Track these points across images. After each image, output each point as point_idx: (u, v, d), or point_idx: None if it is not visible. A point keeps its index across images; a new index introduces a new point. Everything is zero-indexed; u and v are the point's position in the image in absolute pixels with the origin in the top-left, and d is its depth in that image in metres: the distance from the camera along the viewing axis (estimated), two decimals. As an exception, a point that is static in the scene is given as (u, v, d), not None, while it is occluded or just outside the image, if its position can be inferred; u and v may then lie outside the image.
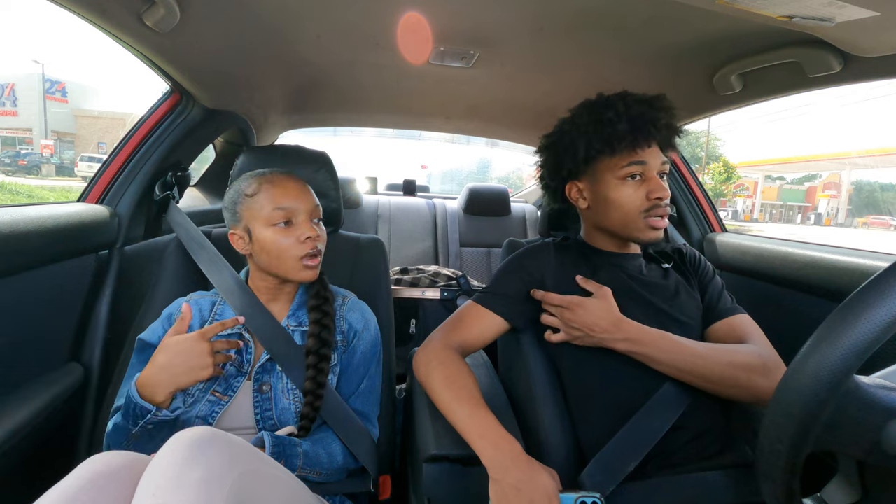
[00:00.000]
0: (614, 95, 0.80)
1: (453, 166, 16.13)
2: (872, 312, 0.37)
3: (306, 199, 0.78)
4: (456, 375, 0.74)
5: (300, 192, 0.78)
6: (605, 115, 0.77)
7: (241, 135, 1.48)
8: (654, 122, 0.76)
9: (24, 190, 8.70)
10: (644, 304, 0.80)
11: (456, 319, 0.84)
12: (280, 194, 0.76)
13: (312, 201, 0.79)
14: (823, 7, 0.61)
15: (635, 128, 0.76)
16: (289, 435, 0.71)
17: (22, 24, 78.91)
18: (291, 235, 0.76)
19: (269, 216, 0.75)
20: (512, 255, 0.90)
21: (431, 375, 0.76)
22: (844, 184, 26.28)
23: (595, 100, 0.81)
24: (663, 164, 0.79)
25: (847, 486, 0.44)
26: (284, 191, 0.77)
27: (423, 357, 0.80)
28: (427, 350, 0.80)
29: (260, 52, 1.08)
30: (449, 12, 0.90)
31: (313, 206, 0.79)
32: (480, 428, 0.67)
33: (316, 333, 0.77)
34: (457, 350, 0.80)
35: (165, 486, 0.45)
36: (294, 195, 0.77)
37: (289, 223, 0.76)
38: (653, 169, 0.78)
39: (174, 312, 0.80)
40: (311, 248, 0.76)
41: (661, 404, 0.73)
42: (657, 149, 0.78)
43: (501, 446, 0.64)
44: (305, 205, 0.78)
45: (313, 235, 0.76)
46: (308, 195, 0.79)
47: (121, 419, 0.67)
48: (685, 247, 0.94)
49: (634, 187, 0.78)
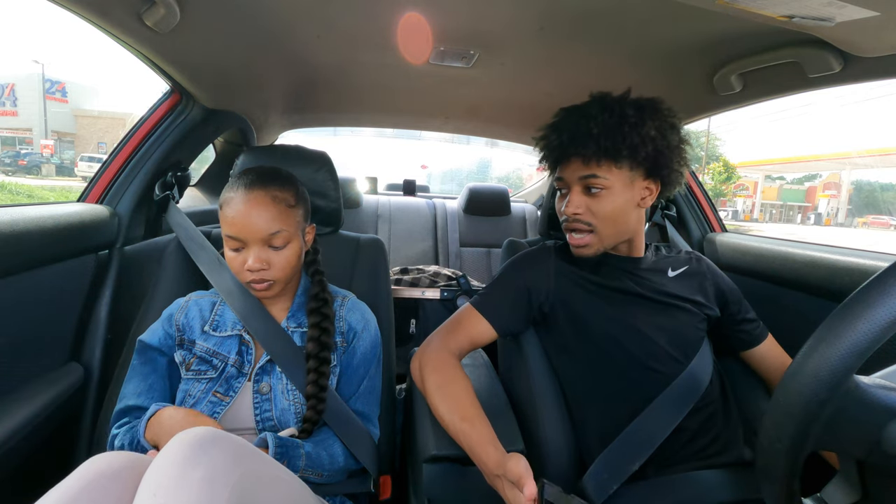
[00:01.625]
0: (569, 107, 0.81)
1: (453, 166, 16.15)
2: (872, 312, 0.37)
3: (255, 230, 0.72)
4: (449, 382, 0.75)
5: (250, 218, 0.71)
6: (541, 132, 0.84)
7: (241, 135, 1.48)
8: (548, 143, 0.80)
9: (24, 190, 8.70)
10: (647, 307, 0.80)
11: (454, 322, 0.84)
12: (230, 221, 0.72)
13: (263, 231, 0.72)
14: (823, 7, 0.60)
15: (542, 151, 0.83)
16: (290, 436, 0.72)
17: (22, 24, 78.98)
18: (239, 260, 0.74)
19: (224, 237, 0.75)
20: (512, 259, 0.90)
21: (426, 381, 0.77)
22: (844, 184, 26.29)
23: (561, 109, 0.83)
24: (584, 177, 0.77)
25: (847, 486, 0.44)
26: (234, 218, 0.72)
27: (419, 361, 0.80)
28: (424, 354, 0.80)
29: (260, 52, 1.08)
30: (449, 12, 0.90)
31: (265, 236, 0.72)
32: (468, 441, 0.68)
33: (315, 337, 0.77)
34: (453, 353, 0.80)
35: (167, 486, 0.45)
36: (242, 224, 0.72)
37: (238, 249, 0.74)
38: (572, 183, 0.79)
39: (174, 313, 0.80)
40: (252, 279, 0.73)
41: (664, 405, 0.73)
42: (575, 162, 0.78)
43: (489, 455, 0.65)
44: (254, 235, 0.72)
45: (254, 269, 0.72)
46: (258, 223, 0.72)
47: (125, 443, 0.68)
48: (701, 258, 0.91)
49: (560, 199, 0.83)
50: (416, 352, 0.83)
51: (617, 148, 0.74)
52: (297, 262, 0.78)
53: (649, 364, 0.76)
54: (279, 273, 0.75)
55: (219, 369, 0.75)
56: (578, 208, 0.78)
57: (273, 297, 0.82)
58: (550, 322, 0.84)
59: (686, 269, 0.86)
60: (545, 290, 0.83)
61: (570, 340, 0.81)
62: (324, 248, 0.92)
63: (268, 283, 0.75)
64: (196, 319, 0.79)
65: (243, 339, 0.78)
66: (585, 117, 0.75)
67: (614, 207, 0.77)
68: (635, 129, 0.74)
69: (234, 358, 0.76)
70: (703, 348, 0.80)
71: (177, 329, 0.78)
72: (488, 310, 0.83)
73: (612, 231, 0.79)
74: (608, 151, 0.74)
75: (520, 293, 0.83)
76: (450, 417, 0.70)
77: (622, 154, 0.74)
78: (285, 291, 0.83)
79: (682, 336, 0.79)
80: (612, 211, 0.77)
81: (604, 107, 0.76)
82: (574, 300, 0.82)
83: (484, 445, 0.65)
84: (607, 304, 0.80)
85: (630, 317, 0.79)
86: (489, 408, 0.73)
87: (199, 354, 0.76)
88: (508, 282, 0.85)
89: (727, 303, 0.85)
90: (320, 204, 0.99)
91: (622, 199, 0.77)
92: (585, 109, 0.77)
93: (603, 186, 0.76)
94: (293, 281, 0.83)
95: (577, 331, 0.81)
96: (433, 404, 0.74)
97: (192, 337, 0.77)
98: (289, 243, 0.75)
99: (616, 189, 0.77)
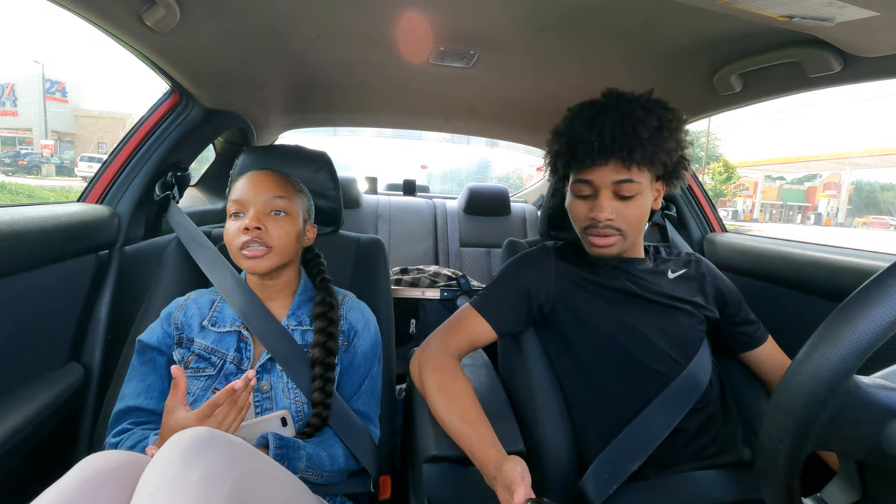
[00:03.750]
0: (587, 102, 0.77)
1: (453, 166, 16.15)
2: (873, 312, 0.37)
3: (259, 192, 0.76)
4: (449, 383, 0.74)
5: (257, 185, 0.76)
6: (553, 136, 0.79)
7: (241, 135, 1.48)
8: (585, 143, 0.73)
9: (24, 190, 8.69)
10: (646, 308, 0.80)
11: (453, 323, 0.84)
12: (238, 188, 0.77)
13: (267, 194, 0.76)
14: (823, 7, 0.60)
15: (569, 150, 0.75)
16: (282, 420, 0.71)
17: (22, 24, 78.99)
18: (237, 225, 0.74)
19: (228, 207, 0.77)
20: (512, 260, 0.89)
21: (425, 382, 0.76)
22: (844, 184, 26.28)
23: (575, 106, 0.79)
24: (619, 182, 0.73)
25: (847, 486, 0.44)
26: (243, 184, 0.77)
27: (419, 361, 0.79)
28: (423, 354, 0.80)
29: (260, 52, 1.08)
30: (449, 12, 0.90)
31: (267, 199, 0.76)
32: (468, 442, 0.67)
33: (321, 343, 0.77)
34: (453, 354, 0.79)
35: (165, 487, 0.45)
36: (248, 188, 0.76)
37: (239, 214, 0.76)
38: (602, 187, 0.74)
39: (173, 312, 0.80)
40: (246, 238, 0.73)
41: (664, 405, 0.73)
42: (613, 165, 0.73)
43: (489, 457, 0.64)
44: (256, 197, 0.75)
45: (250, 226, 0.73)
46: (263, 188, 0.76)
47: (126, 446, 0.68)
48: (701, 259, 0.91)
49: (582, 202, 0.78)
50: (416, 352, 0.82)
51: (656, 152, 0.72)
52: (294, 242, 0.79)
53: (649, 365, 0.76)
54: (275, 240, 0.75)
55: (217, 366, 0.75)
56: (612, 214, 0.75)
57: (271, 294, 0.82)
58: (550, 322, 0.84)
59: (686, 271, 0.86)
60: (545, 291, 0.83)
61: (570, 341, 0.81)
62: (324, 248, 0.92)
63: (263, 250, 0.74)
64: (195, 317, 0.79)
65: (241, 336, 0.78)
66: (629, 119, 0.71)
67: (642, 212, 0.76)
68: (673, 134, 0.73)
69: (233, 355, 0.76)
70: (703, 349, 0.80)
71: (175, 327, 0.78)
72: (488, 310, 0.83)
73: (635, 233, 0.79)
74: (651, 156, 0.71)
75: (520, 294, 0.83)
76: (449, 418, 0.70)
77: (659, 159, 0.72)
78: (284, 288, 0.83)
79: (681, 337, 0.79)
80: (641, 215, 0.77)
81: (646, 109, 0.72)
82: (574, 301, 0.81)
83: (484, 447, 0.65)
84: (607, 304, 0.80)
85: (629, 317, 0.79)
86: (489, 408, 0.73)
87: (198, 352, 0.76)
88: (508, 282, 0.85)
89: (726, 304, 0.85)
90: (320, 204, 0.99)
91: (648, 202, 0.77)
92: (626, 109, 0.72)
93: (636, 192, 0.74)
94: (291, 275, 0.83)
95: (576, 331, 0.81)
96: (433, 405, 0.74)
97: (190, 335, 0.77)
98: (289, 215, 0.78)
99: (644, 193, 0.75)
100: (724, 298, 0.86)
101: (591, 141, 0.72)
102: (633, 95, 0.75)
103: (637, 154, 0.71)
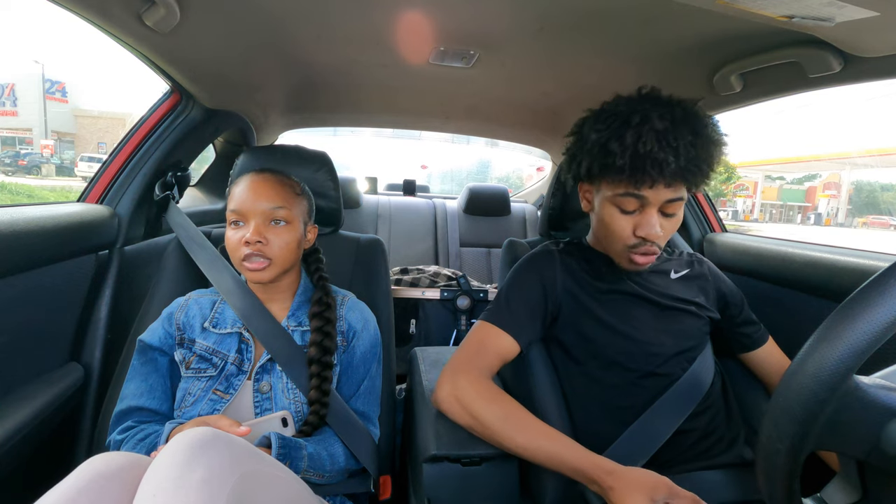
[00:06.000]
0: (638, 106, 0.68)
1: (453, 166, 16.13)
2: (872, 312, 0.37)
3: (259, 201, 0.74)
4: (512, 411, 0.70)
5: (257, 194, 0.75)
6: (610, 144, 0.68)
7: (241, 135, 1.48)
8: (660, 164, 0.65)
9: (24, 190, 8.69)
10: (650, 309, 0.80)
11: (474, 343, 0.79)
12: (237, 195, 0.76)
13: (267, 204, 0.75)
14: (823, 7, 0.60)
15: (635, 168, 0.66)
16: (283, 420, 0.71)
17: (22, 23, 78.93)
18: (238, 235, 0.74)
19: (228, 215, 0.76)
20: (517, 268, 0.86)
21: (480, 414, 0.70)
22: (844, 184, 26.27)
23: (615, 110, 0.71)
24: (671, 201, 0.69)
25: (847, 486, 0.44)
26: (242, 192, 0.76)
27: (455, 395, 0.73)
28: (457, 386, 0.73)
29: (260, 52, 1.08)
30: (449, 12, 0.90)
31: (268, 209, 0.75)
32: (569, 458, 0.65)
33: (318, 342, 0.77)
34: (488, 377, 0.75)
35: (166, 488, 0.45)
36: (247, 197, 0.75)
37: (239, 224, 0.75)
38: (653, 205, 0.70)
39: (174, 312, 0.80)
40: (248, 252, 0.73)
41: (667, 406, 0.73)
42: (675, 185, 0.69)
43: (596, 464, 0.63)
44: (256, 207, 0.74)
45: (251, 240, 0.72)
46: (263, 198, 0.75)
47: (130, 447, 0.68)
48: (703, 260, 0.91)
49: (627, 218, 0.72)
50: (442, 384, 0.75)
51: (711, 174, 0.69)
52: (295, 250, 0.79)
53: (652, 366, 0.76)
54: (276, 252, 0.75)
55: (218, 367, 0.75)
56: (661, 231, 0.71)
57: (271, 294, 0.82)
58: (553, 323, 0.84)
59: (688, 272, 0.86)
60: (554, 294, 0.82)
61: (573, 342, 0.81)
62: (324, 248, 0.92)
63: (264, 263, 0.74)
64: (196, 318, 0.79)
65: (243, 337, 0.78)
66: (701, 140, 0.66)
67: (678, 226, 0.75)
68: (720, 150, 0.70)
69: (234, 356, 0.76)
70: (706, 350, 0.80)
71: (177, 328, 0.78)
72: (507, 323, 0.79)
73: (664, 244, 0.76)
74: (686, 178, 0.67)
75: (536, 301, 0.81)
76: (536, 444, 0.67)
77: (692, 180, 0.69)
78: (285, 289, 0.83)
79: (685, 338, 0.79)
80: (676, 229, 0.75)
81: (703, 122, 0.68)
82: (578, 302, 0.81)
83: (589, 457, 0.64)
84: (611, 305, 0.80)
85: (633, 318, 0.78)
86: None
87: (199, 353, 0.76)
88: (520, 292, 0.82)
89: (727, 305, 0.85)
90: (320, 204, 0.99)
91: (682, 215, 0.75)
92: (697, 128, 0.67)
93: (679, 208, 0.71)
94: (292, 276, 0.83)
95: (579, 332, 0.80)
96: (503, 437, 0.68)
97: (191, 335, 0.77)
98: (289, 224, 0.77)
99: (682, 207, 0.73)
100: (725, 300, 0.85)
101: (666, 161, 0.65)
102: (691, 106, 0.70)
103: (701, 179, 0.68)
